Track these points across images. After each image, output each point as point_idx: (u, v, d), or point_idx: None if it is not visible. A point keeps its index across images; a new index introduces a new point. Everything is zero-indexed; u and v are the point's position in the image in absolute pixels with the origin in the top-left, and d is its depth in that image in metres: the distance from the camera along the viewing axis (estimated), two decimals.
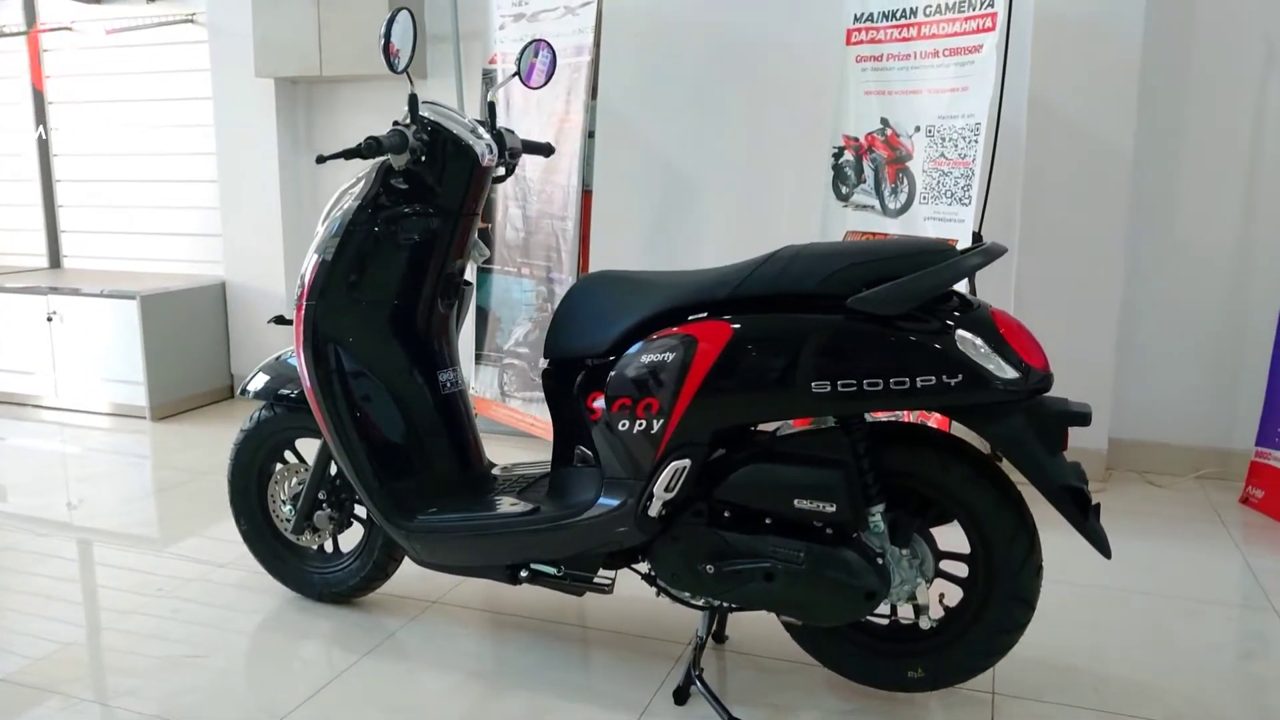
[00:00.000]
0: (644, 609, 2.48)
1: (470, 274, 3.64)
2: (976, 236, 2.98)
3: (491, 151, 2.18)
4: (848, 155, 3.47)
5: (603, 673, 2.19)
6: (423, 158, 2.11)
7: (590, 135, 3.46)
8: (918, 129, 3.23)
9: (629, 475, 1.94)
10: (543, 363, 2.14)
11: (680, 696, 2.06)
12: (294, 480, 2.45)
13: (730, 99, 3.88)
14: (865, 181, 3.42)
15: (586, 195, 3.50)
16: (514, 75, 2.39)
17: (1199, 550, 2.89)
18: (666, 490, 1.89)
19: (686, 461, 1.87)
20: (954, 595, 1.99)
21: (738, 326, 1.80)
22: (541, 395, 3.70)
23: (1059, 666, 2.21)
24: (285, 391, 2.40)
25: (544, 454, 3.74)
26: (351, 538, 2.50)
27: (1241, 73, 3.34)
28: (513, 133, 2.34)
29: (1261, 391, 3.29)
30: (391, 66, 2.05)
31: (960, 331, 1.74)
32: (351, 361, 2.18)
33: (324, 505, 2.39)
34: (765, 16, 3.77)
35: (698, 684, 2.03)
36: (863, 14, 3.38)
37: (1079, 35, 3.33)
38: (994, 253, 1.78)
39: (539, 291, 3.70)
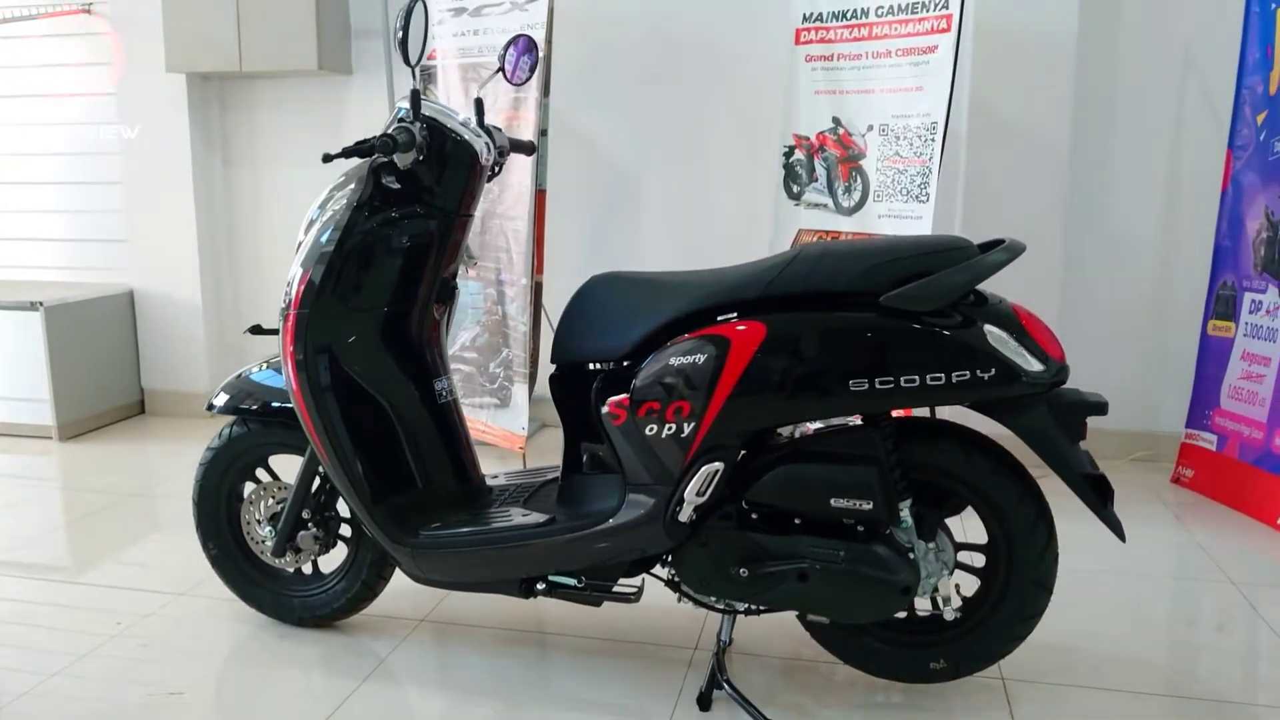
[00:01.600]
0: (638, 615, 2.42)
1: None
2: None
3: (489, 150, 2.10)
4: (799, 154, 3.50)
5: (615, 683, 2.13)
6: (420, 157, 2.01)
7: (543, 133, 3.38)
8: (870, 128, 3.28)
9: (656, 481, 1.89)
10: (551, 368, 2.08)
11: (704, 703, 2.02)
12: (270, 500, 2.30)
13: (679, 98, 3.86)
14: (817, 180, 3.45)
15: (540, 195, 3.42)
16: (498, 71, 2.31)
17: (1147, 529, 3.04)
18: (698, 495, 1.85)
19: (719, 465, 1.84)
20: (968, 585, 2.03)
21: (772, 326, 1.78)
22: (494, 401, 3.62)
23: (1055, 648, 2.28)
24: (258, 406, 2.26)
25: (499, 461, 3.65)
26: (331, 558, 2.37)
27: (1163, 75, 3.52)
28: (500, 130, 2.26)
29: (1189, 376, 3.48)
30: (406, 60, 1.94)
31: (987, 326, 1.77)
32: (346, 372, 2.06)
33: (309, 525, 2.25)
34: (713, 15, 3.77)
35: (727, 688, 2.00)
36: (812, 14, 3.41)
37: (1017, 40, 3.45)
38: (1015, 249, 1.81)
39: (487, 294, 3.59)
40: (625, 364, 1.94)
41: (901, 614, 2.04)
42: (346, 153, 1.94)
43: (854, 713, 2.03)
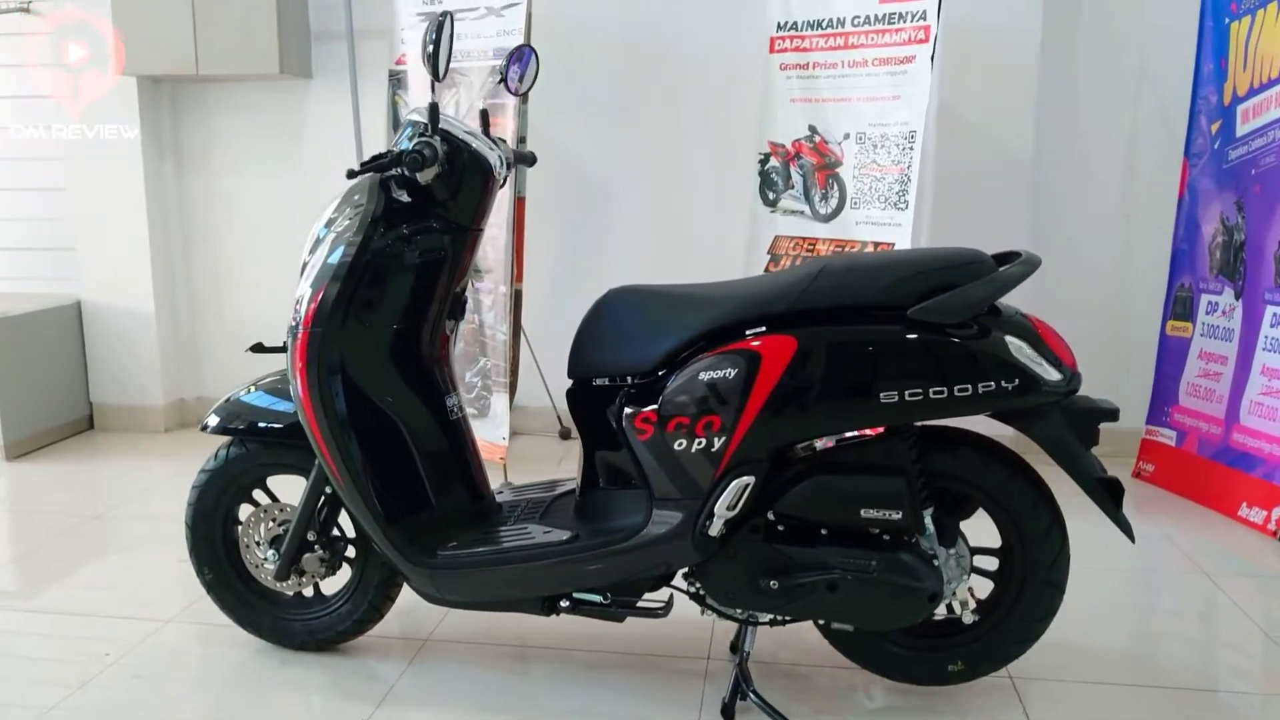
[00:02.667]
0: (645, 627, 2.39)
1: None
2: None
3: (502, 163, 2.07)
4: (774, 162, 3.53)
5: (635, 697, 2.13)
6: (440, 171, 1.97)
7: (522, 140, 3.35)
8: (847, 136, 3.33)
9: (684, 495, 1.89)
10: (561, 381, 2.06)
11: (728, 714, 2.03)
12: (271, 522, 2.23)
13: (653, 105, 3.86)
14: (793, 187, 3.49)
15: (519, 202, 3.39)
16: (500, 82, 2.29)
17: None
18: (729, 509, 1.86)
19: (750, 478, 1.84)
20: (979, 588, 2.07)
21: (803, 339, 1.80)
22: (472, 411, 3.56)
23: (1055, 645, 2.30)
24: (256, 425, 2.19)
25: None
26: (330, 579, 2.30)
27: (1119, 82, 3.65)
28: (504, 141, 2.23)
29: (1149, 375, 3.62)
30: (436, 73, 1.90)
31: (1008, 337, 1.82)
32: (361, 391, 2.01)
33: (315, 547, 2.19)
34: (687, 23, 3.77)
35: (754, 698, 2.01)
36: (786, 23, 3.45)
37: (982, 47, 3.54)
38: (1032, 263, 1.86)
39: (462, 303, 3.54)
40: (651, 378, 1.93)
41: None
42: (368, 167, 1.90)
43: (873, 717, 2.06)
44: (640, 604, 2.03)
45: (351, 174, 1.91)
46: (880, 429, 1.93)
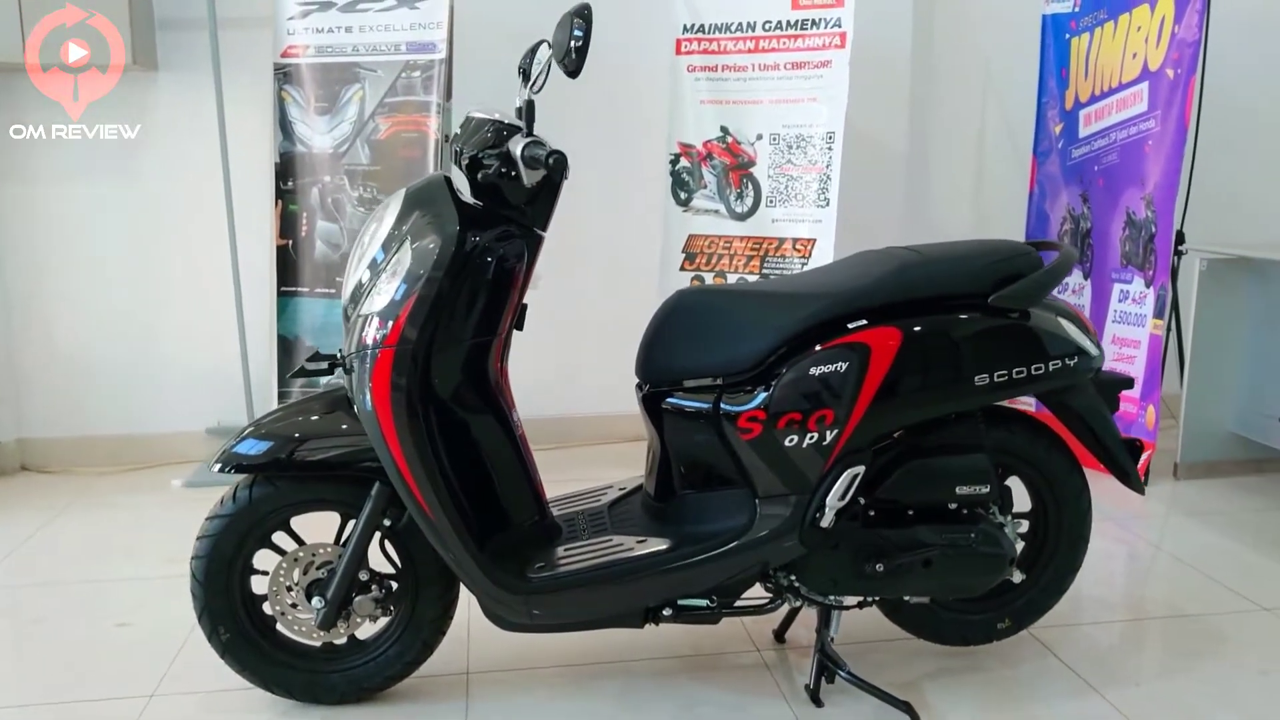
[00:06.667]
0: (672, 631, 2.34)
1: None
2: None
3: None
4: (684, 162, 3.60)
5: (717, 698, 2.12)
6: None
7: (447, 139, 3.18)
8: (760, 137, 3.46)
9: (791, 491, 1.92)
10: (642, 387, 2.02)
11: (815, 699, 2.08)
12: (306, 567, 2.00)
13: (552, 105, 3.75)
14: (706, 187, 3.57)
15: None
16: (523, 75, 2.18)
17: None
18: (840, 500, 1.91)
19: (861, 468, 1.91)
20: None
21: (907, 330, 1.89)
22: None
23: None
24: (287, 458, 1.95)
25: None
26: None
27: (969, 87, 4.05)
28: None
29: None
30: (577, 70, 1.78)
31: (1059, 318, 2.01)
32: (445, 411, 1.86)
33: (370, 587, 1.99)
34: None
35: (850, 678, 2.06)
36: (693, 25, 3.52)
37: (861, 52, 3.79)
38: (1073, 254, 2.07)
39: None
40: (748, 377, 1.94)
41: None
42: (481, 175, 1.77)
43: (934, 679, 2.19)
44: (741, 603, 2.04)
45: (484, 176, 1.77)
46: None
